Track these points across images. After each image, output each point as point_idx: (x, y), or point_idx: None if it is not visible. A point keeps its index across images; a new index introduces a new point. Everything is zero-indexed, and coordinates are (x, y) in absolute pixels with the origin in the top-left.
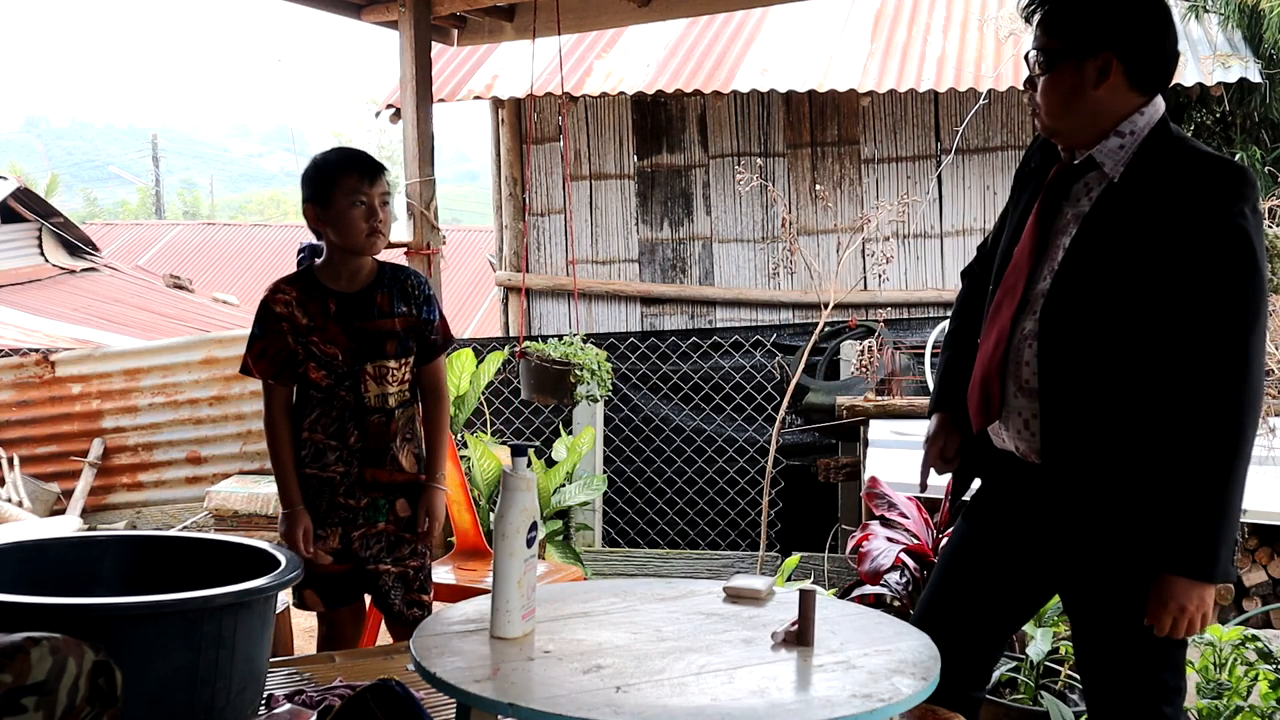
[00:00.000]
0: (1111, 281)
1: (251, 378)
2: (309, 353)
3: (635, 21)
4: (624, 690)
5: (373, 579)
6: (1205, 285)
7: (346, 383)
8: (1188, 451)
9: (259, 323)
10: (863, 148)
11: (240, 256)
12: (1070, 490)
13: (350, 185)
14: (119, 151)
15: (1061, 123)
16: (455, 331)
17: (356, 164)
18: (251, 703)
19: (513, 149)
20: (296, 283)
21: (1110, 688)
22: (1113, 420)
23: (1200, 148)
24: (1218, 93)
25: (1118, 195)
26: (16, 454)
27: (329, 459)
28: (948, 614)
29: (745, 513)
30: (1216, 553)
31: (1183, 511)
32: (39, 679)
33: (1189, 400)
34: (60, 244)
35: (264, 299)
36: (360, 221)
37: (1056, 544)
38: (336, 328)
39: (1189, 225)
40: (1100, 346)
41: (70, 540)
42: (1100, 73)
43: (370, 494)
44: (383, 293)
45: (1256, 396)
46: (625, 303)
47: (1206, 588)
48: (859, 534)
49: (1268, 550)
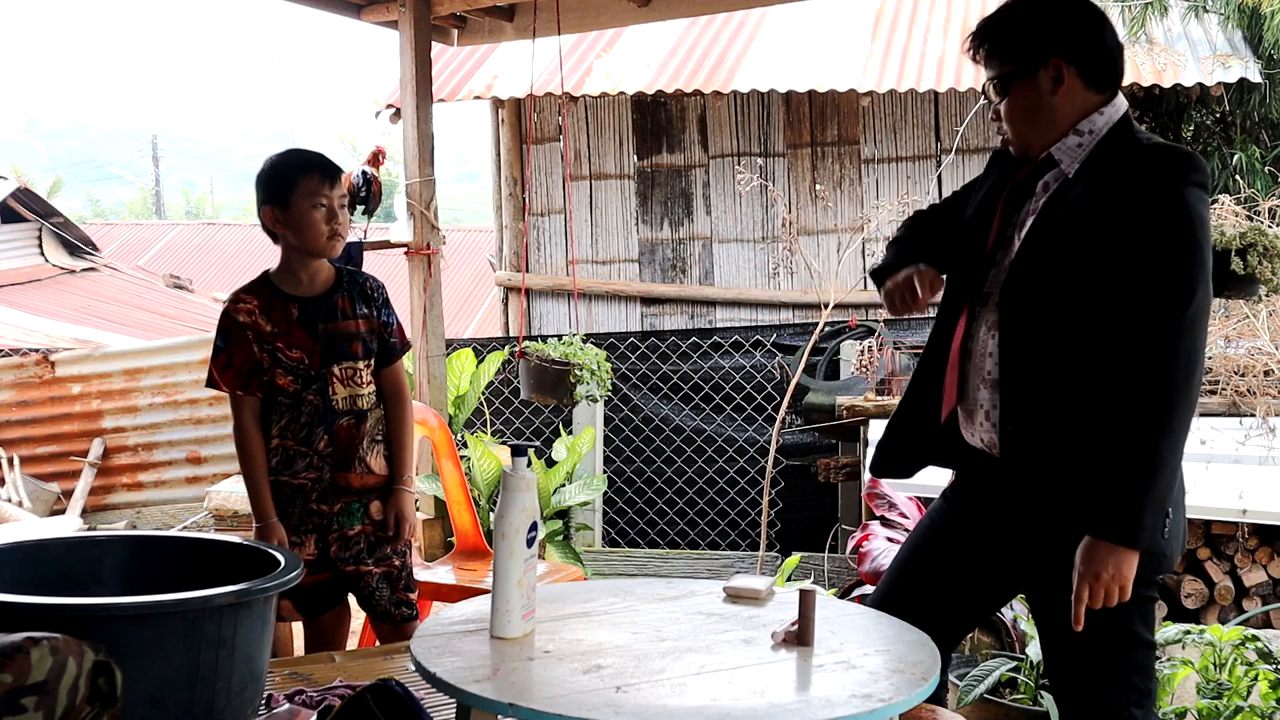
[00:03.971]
0: (1064, 268)
1: (218, 391)
2: (274, 359)
3: (635, 21)
4: (624, 690)
5: (355, 580)
6: (1145, 259)
7: (314, 386)
8: (1117, 416)
9: (222, 335)
10: (863, 148)
11: (240, 256)
12: (1028, 483)
13: (311, 187)
14: (119, 151)
15: (1030, 138)
16: (455, 332)
17: (315, 165)
18: (251, 702)
19: (513, 149)
20: (255, 290)
21: (1078, 691)
22: (1070, 411)
23: (1155, 140)
24: (1218, 93)
25: (1070, 187)
26: (16, 454)
27: (298, 466)
28: (907, 599)
29: (745, 513)
30: (1138, 517)
31: (1107, 475)
32: (39, 679)
33: (1123, 368)
34: (60, 244)
35: (224, 310)
36: (321, 224)
37: (1020, 542)
38: (300, 331)
39: (1134, 204)
40: (1057, 333)
41: (70, 540)
42: (1054, 80)
43: (343, 499)
44: (343, 295)
45: (1189, 365)
46: (625, 303)
47: (1126, 553)
48: (859, 534)
49: (1268, 550)
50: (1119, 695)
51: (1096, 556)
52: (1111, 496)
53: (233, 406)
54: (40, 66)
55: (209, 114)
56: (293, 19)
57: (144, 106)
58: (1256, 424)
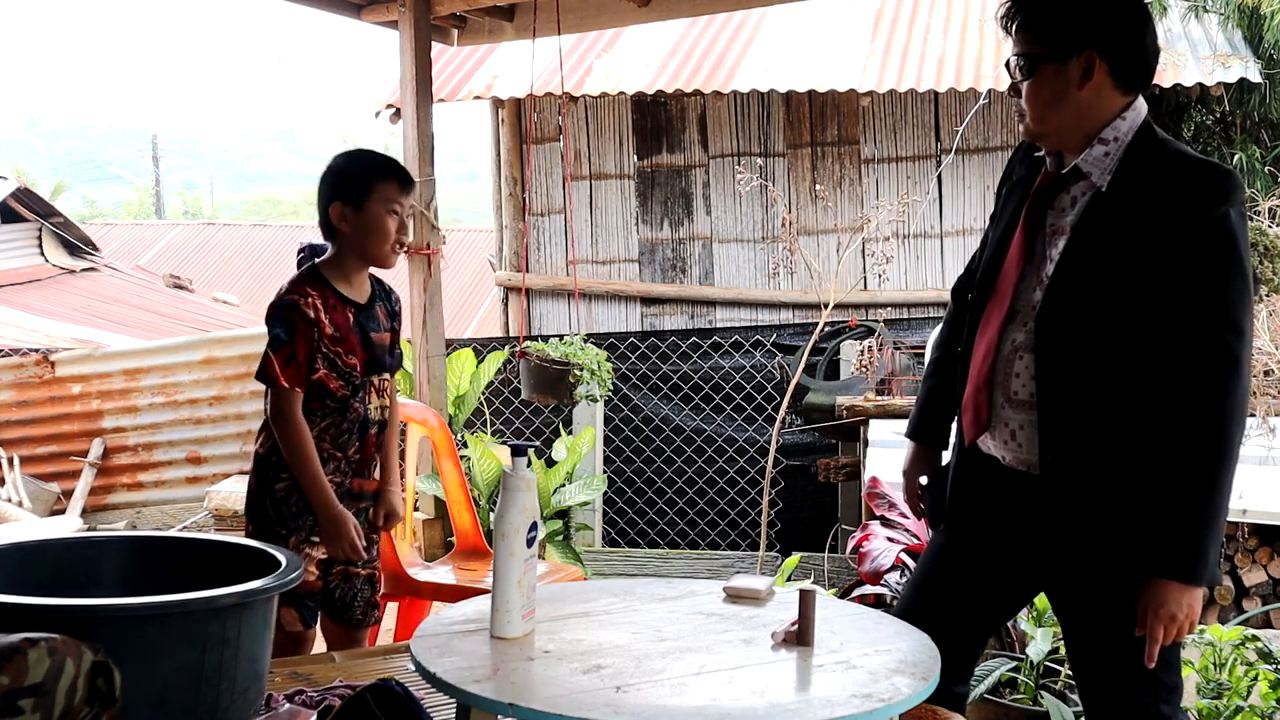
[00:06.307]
0: (1104, 290)
1: (272, 386)
2: (329, 363)
3: (635, 21)
4: (624, 690)
5: (343, 580)
6: (1190, 288)
7: (360, 394)
8: (1174, 454)
9: (285, 326)
10: (863, 148)
11: (240, 256)
12: (1068, 498)
13: (390, 194)
14: (119, 151)
15: (1047, 125)
16: (455, 332)
17: (397, 173)
18: (254, 703)
19: (513, 149)
20: (316, 286)
21: (1106, 688)
22: (1110, 428)
23: (1186, 151)
24: (1218, 93)
25: (1106, 204)
26: (16, 454)
27: (328, 469)
28: (928, 611)
29: (745, 513)
30: (1204, 555)
31: (1169, 514)
32: (36, 680)
33: (1176, 403)
34: (60, 244)
35: (289, 300)
36: (392, 233)
37: (1047, 548)
38: (356, 339)
39: (1175, 229)
40: (1097, 356)
41: (70, 540)
42: (1084, 73)
43: (357, 503)
44: (381, 305)
45: (1242, 398)
46: (625, 303)
47: (1193, 590)
48: (859, 534)
49: (1268, 550)
50: (1146, 692)
51: (1170, 598)
52: (1176, 538)
53: (286, 402)
54: (40, 66)
55: (209, 114)
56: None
57: (144, 106)
58: (1256, 424)
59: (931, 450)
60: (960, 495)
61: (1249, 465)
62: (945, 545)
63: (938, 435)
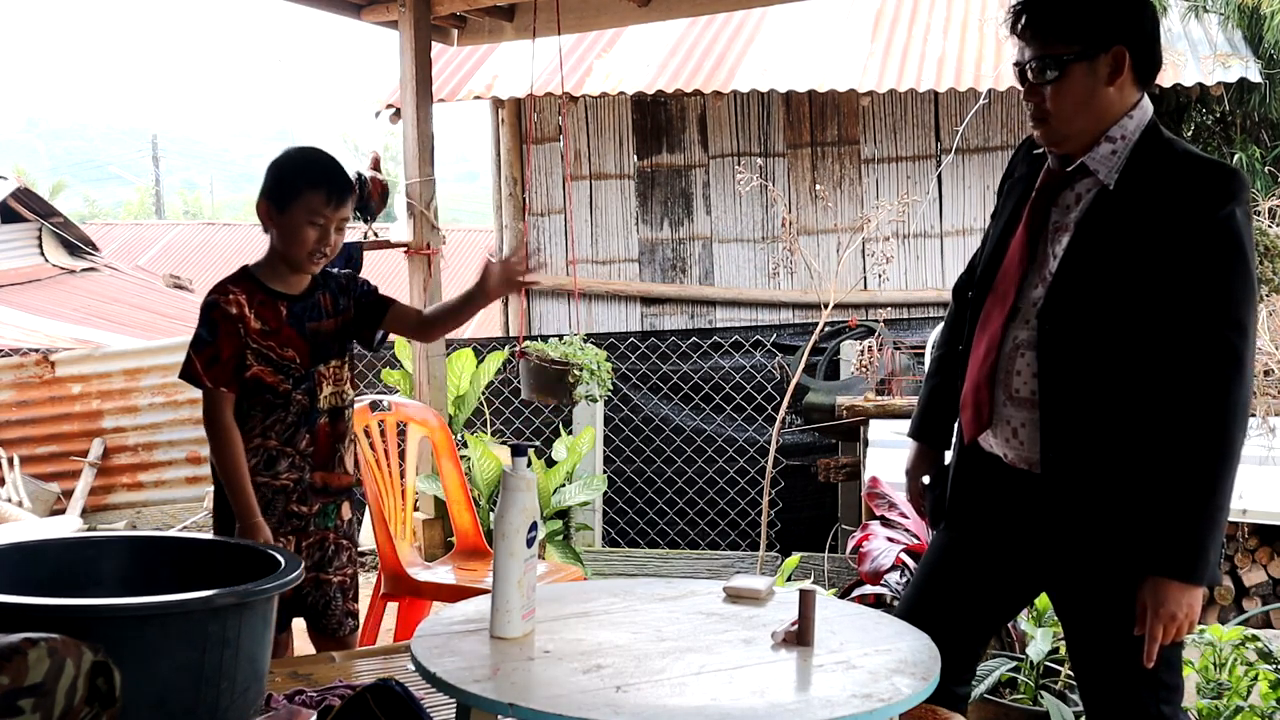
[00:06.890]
0: (1108, 288)
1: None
2: (263, 358)
3: (635, 21)
4: (624, 690)
5: (314, 588)
6: (1194, 286)
7: (303, 385)
8: (1175, 452)
9: (208, 326)
10: (863, 148)
11: (240, 256)
12: (1069, 496)
13: (314, 204)
14: (119, 151)
15: (1073, 126)
16: (455, 331)
17: (325, 183)
18: (254, 703)
19: (513, 149)
20: (241, 285)
21: (1107, 687)
22: (1112, 427)
23: (1191, 150)
24: (1218, 92)
25: (1112, 201)
26: (16, 454)
27: (280, 466)
28: (930, 611)
29: (745, 513)
30: (1204, 555)
31: (1170, 512)
32: (36, 680)
33: (1178, 402)
34: (60, 244)
35: (210, 300)
36: (311, 242)
37: (1048, 547)
38: (291, 330)
39: (1181, 227)
40: (1099, 353)
41: (70, 540)
42: (1112, 69)
43: (321, 499)
44: (324, 293)
45: (1245, 398)
46: (625, 303)
47: (1194, 589)
48: (859, 534)
49: (1268, 550)
50: (1147, 691)
51: (1170, 597)
52: (1177, 538)
53: (212, 403)
54: (40, 66)
55: (209, 114)
56: (293, 19)
57: (144, 106)
58: (1256, 424)
59: (934, 450)
60: (961, 494)
61: (1249, 465)
62: (946, 545)
63: (940, 435)
